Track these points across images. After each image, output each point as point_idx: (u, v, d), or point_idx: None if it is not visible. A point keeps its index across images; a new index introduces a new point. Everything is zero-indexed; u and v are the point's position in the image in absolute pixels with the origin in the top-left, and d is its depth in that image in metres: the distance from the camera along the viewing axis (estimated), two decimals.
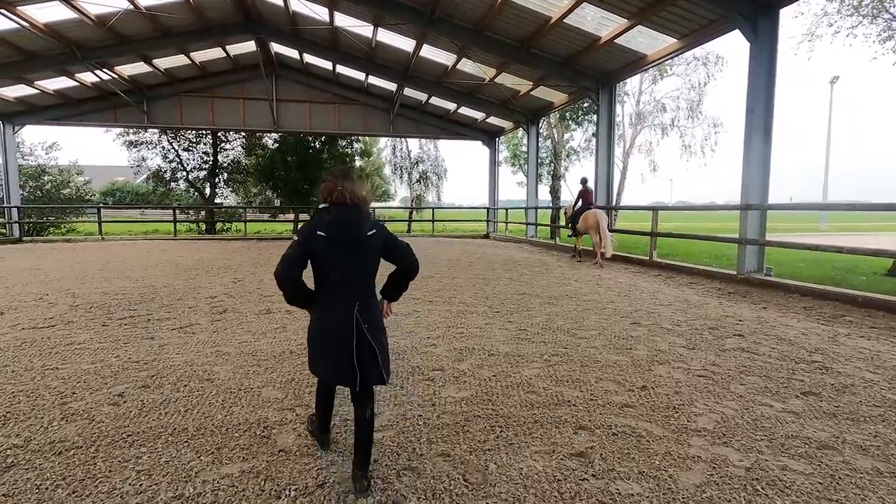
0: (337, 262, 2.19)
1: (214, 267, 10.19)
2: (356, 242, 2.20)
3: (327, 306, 2.26)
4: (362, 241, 2.22)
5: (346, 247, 2.19)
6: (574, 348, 4.51)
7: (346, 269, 2.20)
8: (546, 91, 14.79)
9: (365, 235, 2.22)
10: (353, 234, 2.20)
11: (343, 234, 2.18)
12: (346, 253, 2.19)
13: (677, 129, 20.70)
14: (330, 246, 2.17)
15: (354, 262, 2.21)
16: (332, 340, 2.20)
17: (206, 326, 5.26)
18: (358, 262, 2.22)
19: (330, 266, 2.20)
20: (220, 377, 3.69)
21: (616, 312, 6.04)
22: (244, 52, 16.93)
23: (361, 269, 2.24)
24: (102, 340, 4.69)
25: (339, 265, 2.19)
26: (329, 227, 2.18)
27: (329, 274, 2.21)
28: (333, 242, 2.17)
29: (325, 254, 2.18)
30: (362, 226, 2.22)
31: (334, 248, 2.18)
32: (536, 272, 9.69)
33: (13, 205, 17.30)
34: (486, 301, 6.73)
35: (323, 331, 2.25)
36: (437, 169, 27.81)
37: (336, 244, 2.18)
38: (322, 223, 2.20)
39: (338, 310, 2.21)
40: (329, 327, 2.23)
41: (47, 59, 13.43)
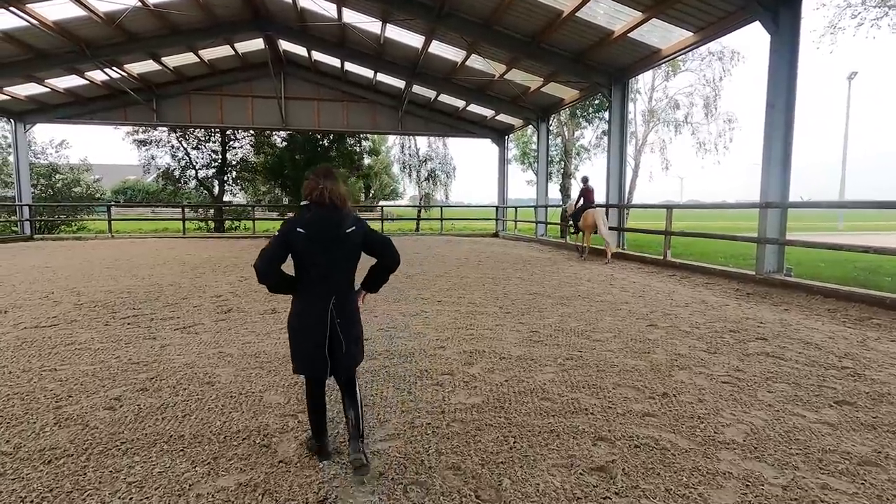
0: (315, 258, 2.27)
1: (221, 265, 10.11)
2: (335, 240, 2.28)
3: (306, 300, 2.37)
4: (342, 239, 2.30)
5: (325, 244, 2.27)
6: (589, 352, 4.32)
7: (324, 266, 2.29)
8: (557, 87, 14.55)
9: (344, 233, 2.30)
10: (332, 232, 2.28)
11: (322, 232, 2.27)
12: (325, 250, 2.27)
13: (691, 126, 20.32)
14: (308, 243, 2.25)
15: (333, 258, 2.29)
16: (307, 333, 2.32)
17: (209, 326, 5.14)
18: (336, 258, 2.30)
19: (309, 262, 2.28)
20: (221, 380, 3.56)
21: (631, 314, 5.84)
22: (253, 50, 16.88)
23: (339, 265, 2.33)
24: (104, 340, 4.58)
25: (318, 262, 2.28)
26: (308, 224, 2.27)
27: (308, 269, 2.30)
28: (312, 240, 2.25)
29: (304, 250, 2.25)
30: (342, 224, 2.30)
31: (313, 245, 2.26)
32: (547, 271, 9.49)
33: (24, 203, 17.41)
34: (497, 301, 6.55)
35: (300, 324, 2.36)
36: (445, 167, 27.65)
37: (315, 241, 2.25)
38: (302, 220, 2.28)
39: (314, 304, 2.32)
40: (305, 321, 2.33)
41: (56, 58, 13.45)
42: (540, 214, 17.14)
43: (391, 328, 5.11)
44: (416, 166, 27.42)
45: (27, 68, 13.52)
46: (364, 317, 5.67)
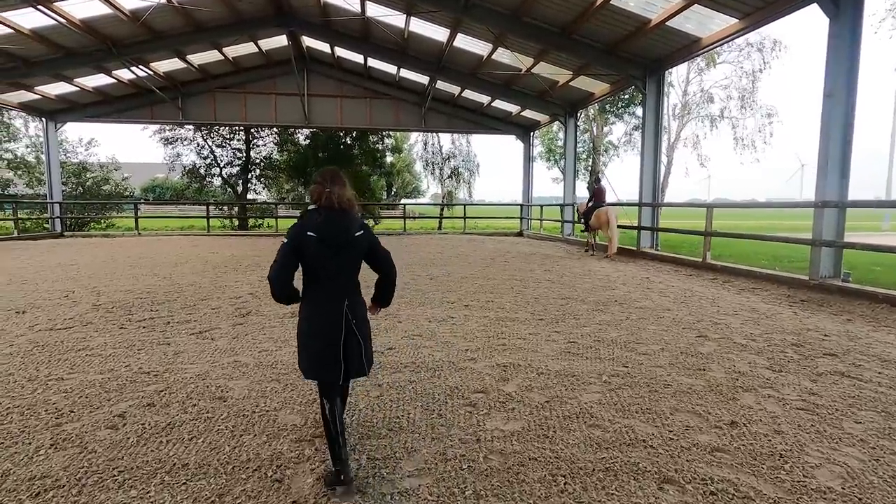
0: (326, 262, 2.28)
1: (243, 264, 9.95)
2: (345, 243, 2.31)
3: (317, 303, 2.36)
4: (351, 242, 2.32)
5: (336, 247, 2.29)
6: (636, 367, 3.89)
7: (334, 269, 2.31)
8: (586, 81, 13.98)
9: (353, 237, 2.33)
10: (342, 237, 2.30)
11: (332, 236, 2.28)
12: (335, 253, 2.29)
13: (728, 121, 19.37)
14: (319, 246, 2.26)
15: (343, 261, 2.31)
16: (321, 336, 2.30)
17: (226, 331, 4.88)
18: (346, 261, 2.32)
19: (320, 265, 2.28)
20: (234, 395, 3.26)
21: (676, 322, 5.36)
22: (276, 47, 16.78)
23: (349, 268, 2.35)
24: (116, 346, 4.36)
25: (328, 265, 2.29)
26: (319, 228, 2.27)
27: (318, 273, 2.30)
28: (322, 243, 2.26)
29: (315, 253, 2.26)
30: (350, 227, 2.32)
31: (323, 249, 2.26)
32: (577, 273, 9.02)
33: (55, 200, 17.73)
34: (528, 306, 6.15)
35: (312, 327, 2.34)
36: (469, 165, 27.21)
37: (325, 245, 2.26)
38: (312, 224, 2.28)
39: (328, 307, 2.32)
40: (319, 324, 2.32)
41: (85, 56, 13.55)
42: (567, 213, 16.58)
43: (416, 336, 4.77)
44: (438, 164, 27.07)
45: (57, 67, 13.67)
46: (388, 323, 5.37)
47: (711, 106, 19.66)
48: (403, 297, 6.61)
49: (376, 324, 5.16)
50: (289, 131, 24.32)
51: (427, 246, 14.52)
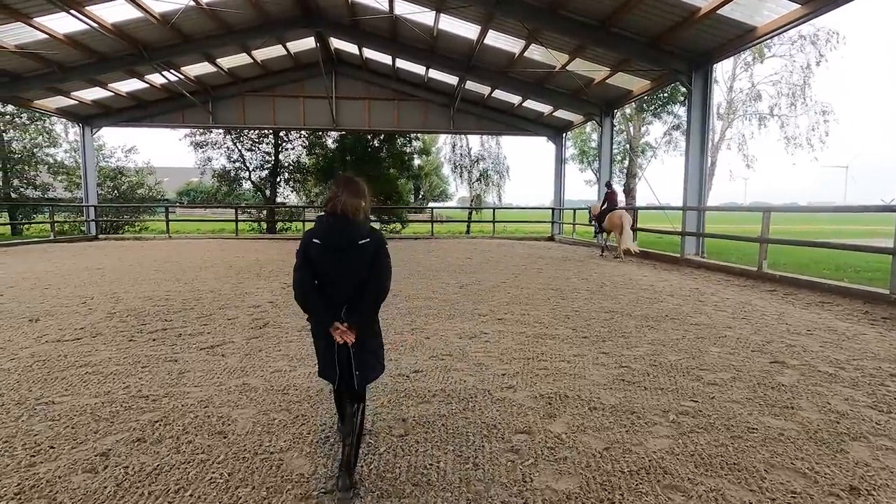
0: (328, 268, 2.30)
1: (266, 270, 9.67)
2: (346, 250, 2.29)
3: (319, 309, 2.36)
4: (352, 249, 2.30)
5: (337, 254, 2.29)
6: (707, 401, 3.27)
7: (337, 276, 2.31)
8: (625, 78, 13.24)
9: (356, 243, 2.30)
10: (342, 242, 2.29)
11: (334, 242, 2.29)
12: (337, 260, 2.29)
13: (778, 119, 18.11)
14: (323, 252, 2.29)
15: (344, 268, 2.30)
16: (321, 339, 2.38)
17: (239, 346, 4.48)
18: (347, 268, 2.30)
19: (322, 271, 2.32)
20: (236, 429, 2.82)
21: (742, 343, 4.68)
22: (304, 49, 16.65)
23: (352, 275, 2.32)
24: (120, 362, 4.01)
25: (330, 271, 2.31)
26: (322, 234, 2.31)
27: (321, 277, 2.33)
28: (325, 248, 2.29)
29: (319, 260, 2.30)
30: (353, 234, 2.29)
31: (326, 255, 2.29)
32: (618, 283, 8.34)
33: (91, 204, 18.06)
34: (568, 321, 5.56)
35: (317, 331, 2.41)
36: (498, 167, 26.58)
37: (328, 251, 2.29)
38: (318, 230, 2.33)
39: (326, 314, 2.32)
40: (320, 329, 2.37)
41: (117, 60, 13.66)
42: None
43: (446, 355, 4.25)
44: (467, 166, 26.54)
45: (91, 72, 13.83)
46: (414, 339, 4.88)
47: (758, 103, 18.47)
48: (431, 308, 6.12)
49: (402, 340, 4.69)
50: (317, 134, 24.27)
51: (455, 251, 14.02)
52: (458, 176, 27.28)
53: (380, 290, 2.36)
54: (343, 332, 2.26)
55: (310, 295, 2.31)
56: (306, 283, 2.31)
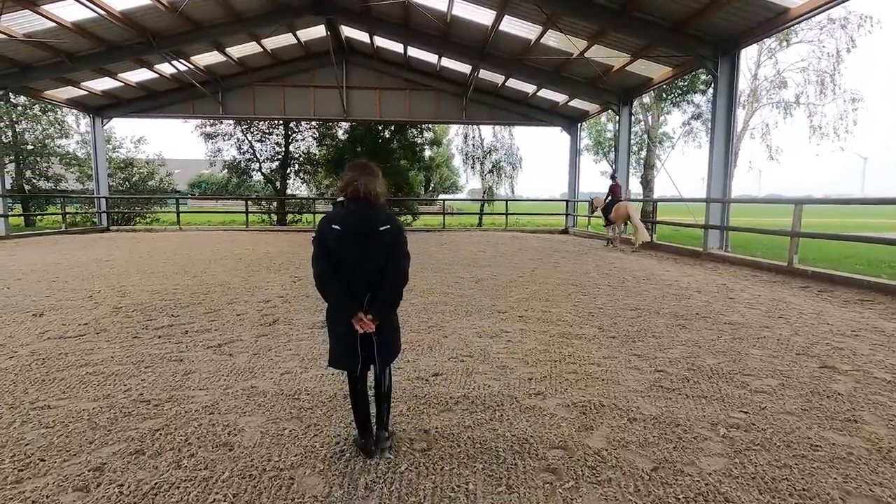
0: (347, 254, 2.24)
1: (276, 263, 9.46)
2: (367, 236, 2.24)
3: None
4: (373, 235, 2.25)
5: (358, 239, 2.23)
6: (758, 413, 2.97)
7: (356, 262, 2.25)
8: (645, 65, 12.77)
9: (376, 229, 2.25)
10: (364, 228, 2.23)
11: (354, 228, 2.23)
12: (358, 246, 2.24)
13: (805, 108, 17.41)
14: (342, 238, 2.22)
15: (365, 255, 2.25)
16: (342, 328, 2.30)
17: (248, 344, 4.25)
18: (368, 255, 2.26)
19: (341, 258, 2.24)
20: (244, 440, 2.58)
21: (784, 346, 4.35)
22: (314, 38, 16.35)
23: (372, 262, 2.27)
24: (123, 361, 3.80)
25: (350, 257, 2.24)
26: (341, 219, 2.24)
27: (340, 264, 2.25)
28: (345, 235, 2.22)
29: (338, 246, 2.23)
30: (374, 220, 2.25)
31: (346, 241, 2.23)
32: (640, 277, 8.01)
33: (102, 195, 18.01)
34: (593, 319, 5.26)
35: (335, 318, 2.35)
36: (511, 158, 26.11)
37: (348, 237, 2.22)
38: (337, 216, 2.26)
39: (350, 303, 2.26)
40: (340, 318, 2.30)
41: (126, 49, 13.48)
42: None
43: (467, 356, 3.98)
44: (479, 157, 26.11)
45: (99, 61, 13.66)
46: (432, 337, 4.61)
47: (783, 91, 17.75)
48: (447, 304, 5.85)
49: (419, 339, 4.43)
50: (327, 125, 24.01)
51: (468, 243, 13.73)
52: (469, 167, 26.88)
53: (401, 278, 2.33)
54: (366, 323, 2.23)
55: (331, 284, 2.25)
56: (326, 271, 2.24)
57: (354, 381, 2.44)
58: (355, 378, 2.42)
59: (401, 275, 2.32)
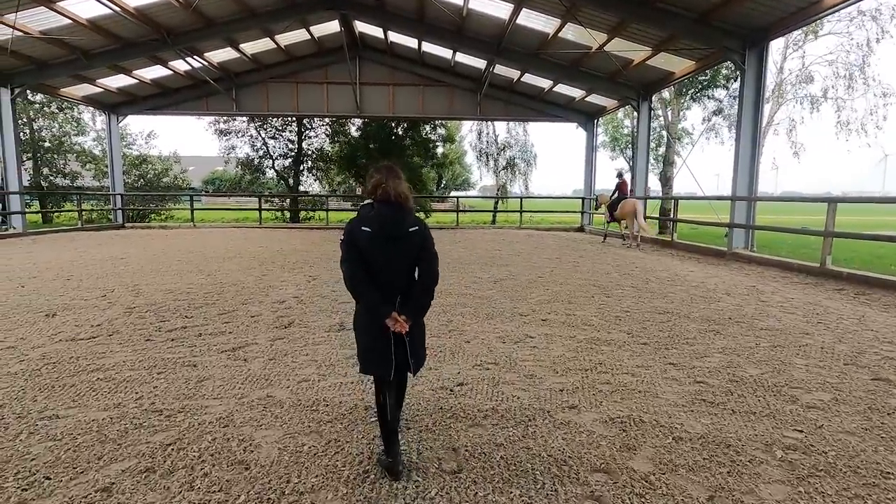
0: (379, 256, 2.23)
1: (291, 261, 9.33)
2: (398, 238, 2.24)
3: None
4: (403, 237, 2.25)
5: (388, 242, 2.22)
6: (814, 432, 2.72)
7: (387, 264, 2.24)
8: (666, 59, 12.40)
9: (406, 231, 2.25)
10: (394, 231, 2.23)
11: (385, 230, 2.22)
12: (388, 248, 2.23)
13: (832, 102, 16.82)
14: (373, 241, 2.21)
15: (396, 257, 2.25)
16: (373, 331, 2.26)
17: (263, 348, 4.10)
18: (399, 257, 2.26)
19: (372, 260, 2.23)
20: (260, 457, 2.40)
21: (828, 354, 4.08)
22: (328, 34, 16.21)
23: (402, 263, 2.28)
24: (135, 366, 3.66)
25: (381, 260, 2.23)
26: (372, 222, 2.22)
27: (371, 266, 2.24)
28: (376, 238, 2.21)
29: (368, 248, 2.22)
30: (404, 222, 2.25)
31: (376, 244, 2.22)
32: (664, 278, 7.73)
33: (117, 192, 18.10)
34: (620, 323, 5.02)
35: (366, 321, 2.30)
36: (525, 155, 25.75)
37: (378, 239, 2.21)
38: (366, 218, 2.24)
39: (384, 305, 2.23)
40: (372, 321, 2.26)
41: (141, 46, 13.45)
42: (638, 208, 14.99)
43: (491, 364, 3.78)
44: (493, 154, 25.80)
45: (114, 58, 13.67)
46: (453, 342, 4.42)
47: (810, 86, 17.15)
48: (467, 306, 5.66)
49: (440, 344, 4.24)
50: (340, 122, 23.90)
51: (482, 241, 13.51)
52: (483, 164, 26.55)
53: (433, 278, 2.33)
54: (402, 323, 2.20)
55: (363, 286, 2.22)
56: (358, 274, 2.22)
57: (383, 389, 2.35)
58: (384, 385, 2.34)
59: (433, 274, 2.33)
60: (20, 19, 10.95)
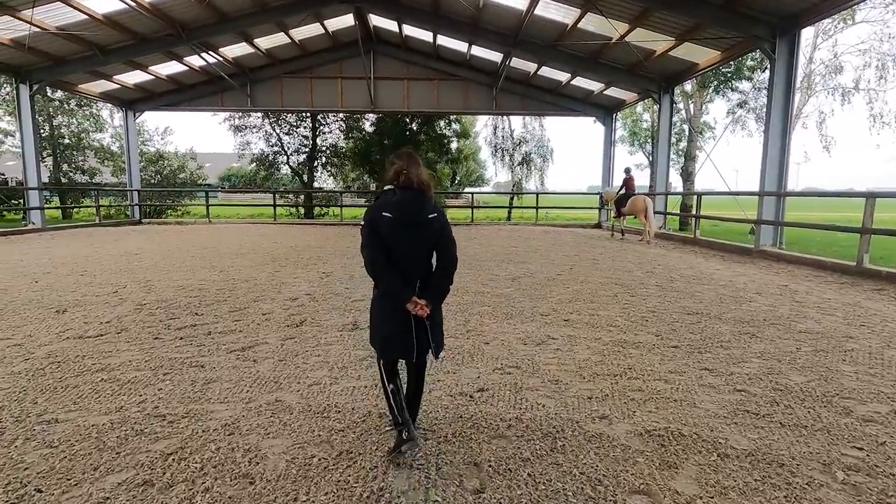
0: (399, 242, 2.24)
1: (304, 257, 9.20)
2: (419, 224, 2.25)
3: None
4: (423, 223, 2.26)
5: (409, 228, 2.23)
6: (877, 450, 2.45)
7: (407, 249, 2.25)
8: (690, 49, 11.97)
9: (426, 218, 2.26)
10: (417, 217, 2.24)
11: (407, 216, 2.22)
12: (409, 234, 2.24)
13: (865, 94, 16.14)
14: (393, 226, 2.22)
15: (416, 242, 2.27)
16: (394, 316, 2.28)
17: (273, 348, 3.93)
18: (419, 242, 2.28)
19: (393, 246, 2.24)
20: (266, 471, 2.22)
21: (877, 360, 3.77)
22: (342, 28, 16.06)
23: (422, 249, 2.30)
24: (141, 366, 3.52)
25: (402, 245, 2.25)
26: (394, 208, 2.22)
27: (391, 253, 2.25)
28: (397, 223, 2.21)
29: (389, 233, 2.22)
30: (424, 208, 2.26)
31: (397, 229, 2.22)
32: (689, 276, 7.40)
33: (134, 188, 18.22)
34: (647, 324, 4.75)
35: (386, 307, 2.32)
36: (542, 150, 25.33)
37: (399, 225, 2.22)
38: (387, 204, 2.24)
39: (405, 289, 2.24)
40: (393, 305, 2.27)
41: (155, 42, 13.45)
42: (658, 203, 14.59)
43: (512, 367, 3.56)
44: (509, 150, 25.43)
45: (130, 53, 13.68)
46: (471, 344, 4.20)
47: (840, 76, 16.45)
48: (484, 305, 5.43)
49: (458, 345, 4.03)
50: (354, 118, 23.78)
51: (498, 238, 13.25)
52: (499, 159, 26.18)
53: (452, 263, 2.34)
54: (422, 307, 2.23)
55: (384, 271, 2.23)
56: (379, 259, 2.23)
57: (393, 379, 2.41)
58: (396, 377, 2.42)
59: (452, 259, 2.35)
60: (37, 15, 10.98)
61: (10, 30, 11.37)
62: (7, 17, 10.84)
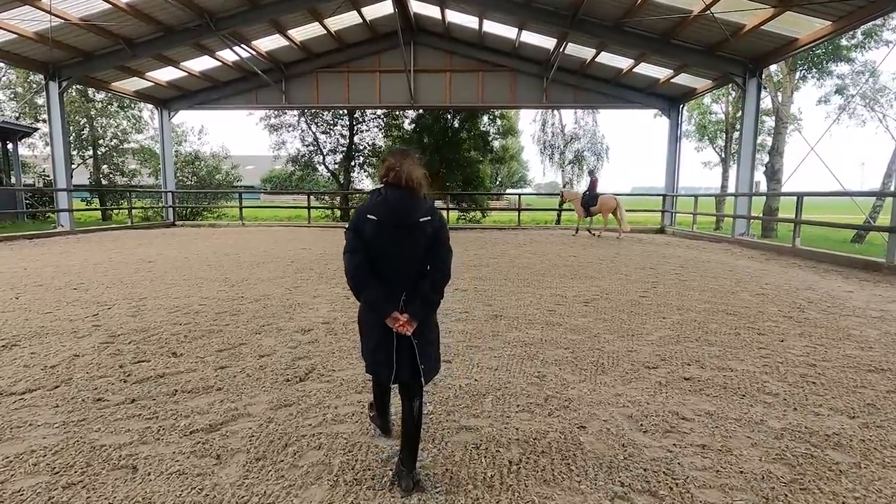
0: (384, 247, 2.01)
1: (331, 268, 7.94)
2: (406, 227, 2.00)
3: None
4: (412, 227, 2.01)
5: (395, 231, 2.00)
6: None
7: (393, 256, 2.03)
8: (792, 19, 9.94)
9: (416, 221, 2.01)
10: (403, 219, 2.00)
11: (392, 218, 1.99)
12: (395, 239, 2.01)
13: None
14: (378, 230, 1.99)
15: (403, 248, 2.02)
16: (376, 330, 2.08)
17: (255, 427, 2.57)
18: (406, 249, 2.02)
19: (377, 251, 2.02)
20: None
21: None
22: (380, 16, 14.90)
23: (411, 256, 2.04)
24: (41, 462, 2.24)
25: (387, 251, 2.02)
26: (378, 209, 2.00)
27: (376, 259, 2.03)
28: (382, 226, 1.99)
29: (373, 238, 2.00)
30: (414, 210, 2.01)
31: (382, 233, 2.00)
32: (820, 303, 5.62)
33: (168, 189, 17.72)
34: (821, 391, 3.13)
35: (369, 319, 2.12)
36: (595, 147, 23.34)
37: (384, 228, 1.99)
38: (373, 205, 2.02)
39: (386, 303, 2.03)
40: (374, 319, 2.07)
41: (183, 33, 12.68)
42: (741, 206, 12.51)
43: (642, 490, 2.04)
44: (559, 147, 23.57)
45: (158, 46, 12.96)
46: (560, 425, 2.45)
47: None
48: (559, 346, 3.92)
49: (540, 429, 2.54)
50: (393, 115, 22.64)
51: (551, 245, 11.64)
52: (547, 158, 24.33)
53: (442, 276, 2.06)
54: (403, 324, 1.97)
55: (365, 281, 1.99)
56: (361, 267, 1.99)
57: (385, 399, 2.37)
58: (383, 393, 2.36)
59: (443, 270, 2.06)
60: (58, 5, 10.30)
61: (34, 22, 10.76)
62: (28, 7, 10.20)
